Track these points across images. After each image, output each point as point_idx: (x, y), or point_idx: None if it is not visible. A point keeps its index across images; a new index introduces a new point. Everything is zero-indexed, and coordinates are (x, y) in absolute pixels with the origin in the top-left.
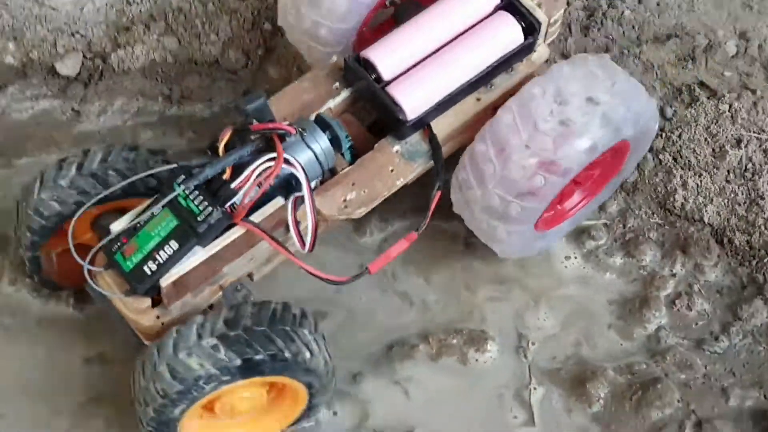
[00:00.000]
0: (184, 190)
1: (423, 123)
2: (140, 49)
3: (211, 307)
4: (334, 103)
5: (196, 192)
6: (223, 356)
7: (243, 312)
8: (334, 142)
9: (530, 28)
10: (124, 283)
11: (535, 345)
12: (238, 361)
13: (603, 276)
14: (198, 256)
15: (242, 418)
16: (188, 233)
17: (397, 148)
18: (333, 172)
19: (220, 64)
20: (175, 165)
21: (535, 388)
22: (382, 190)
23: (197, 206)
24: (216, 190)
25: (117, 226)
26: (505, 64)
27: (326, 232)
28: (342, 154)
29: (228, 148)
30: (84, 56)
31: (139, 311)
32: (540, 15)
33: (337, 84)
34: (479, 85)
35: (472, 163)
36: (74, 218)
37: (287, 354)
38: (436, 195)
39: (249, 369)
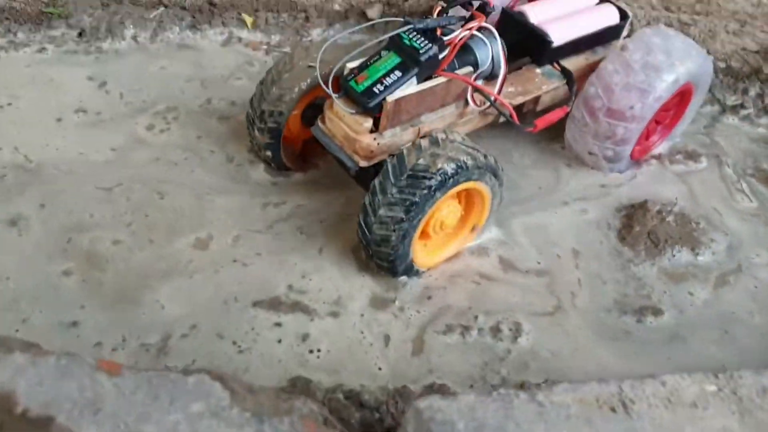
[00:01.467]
0: (408, 32)
1: (556, 57)
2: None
3: None
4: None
5: (418, 35)
6: (440, 165)
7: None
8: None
9: (623, 15)
10: (354, 105)
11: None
12: (450, 168)
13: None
14: (413, 87)
15: (449, 231)
16: (410, 64)
17: (539, 70)
18: (495, 76)
19: None
20: (402, 19)
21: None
22: (532, 89)
23: (419, 43)
24: (432, 39)
25: (351, 64)
26: (606, 33)
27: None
28: None
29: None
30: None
31: (361, 131)
32: (628, 10)
33: None
34: (591, 44)
35: (584, 104)
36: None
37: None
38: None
39: (452, 177)
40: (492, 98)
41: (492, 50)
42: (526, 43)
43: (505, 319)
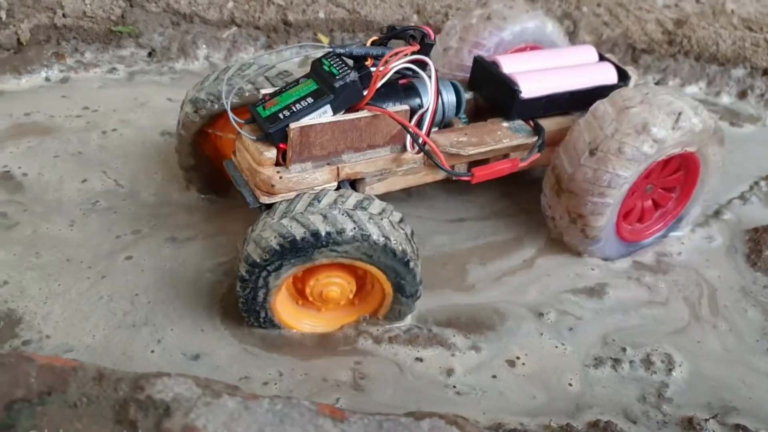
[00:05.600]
0: (329, 57)
1: (528, 112)
2: None
3: None
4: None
5: (339, 61)
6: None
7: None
8: (458, 104)
9: (623, 76)
10: (259, 130)
11: None
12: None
13: None
14: (327, 117)
15: (331, 309)
16: (324, 90)
17: (506, 124)
18: (449, 124)
19: None
20: (327, 45)
21: None
22: (490, 141)
23: (338, 69)
24: (358, 67)
25: (266, 90)
26: (601, 94)
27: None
28: (459, 118)
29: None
30: None
31: (263, 162)
32: (630, 71)
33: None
34: (580, 104)
35: (565, 153)
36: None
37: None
38: (535, 154)
39: (331, 243)
40: (412, 132)
41: (443, 94)
42: (495, 95)
43: (654, 351)
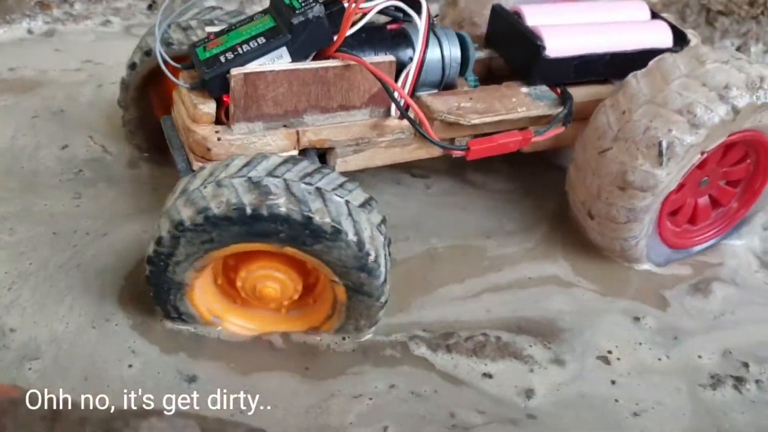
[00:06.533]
0: None
1: (555, 76)
2: None
3: None
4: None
5: None
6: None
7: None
8: (463, 60)
9: (680, 38)
10: (197, 76)
11: None
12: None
13: None
14: (282, 63)
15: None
16: (281, 29)
17: (525, 90)
18: (452, 86)
19: None
20: None
21: None
22: (501, 109)
23: (300, 2)
24: (327, 3)
25: (212, 28)
26: (648, 57)
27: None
28: (466, 79)
29: None
30: None
31: (198, 118)
32: (690, 34)
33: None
34: (623, 70)
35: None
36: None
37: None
38: (557, 127)
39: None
40: (391, 89)
41: (443, 46)
42: (514, 53)
43: None
